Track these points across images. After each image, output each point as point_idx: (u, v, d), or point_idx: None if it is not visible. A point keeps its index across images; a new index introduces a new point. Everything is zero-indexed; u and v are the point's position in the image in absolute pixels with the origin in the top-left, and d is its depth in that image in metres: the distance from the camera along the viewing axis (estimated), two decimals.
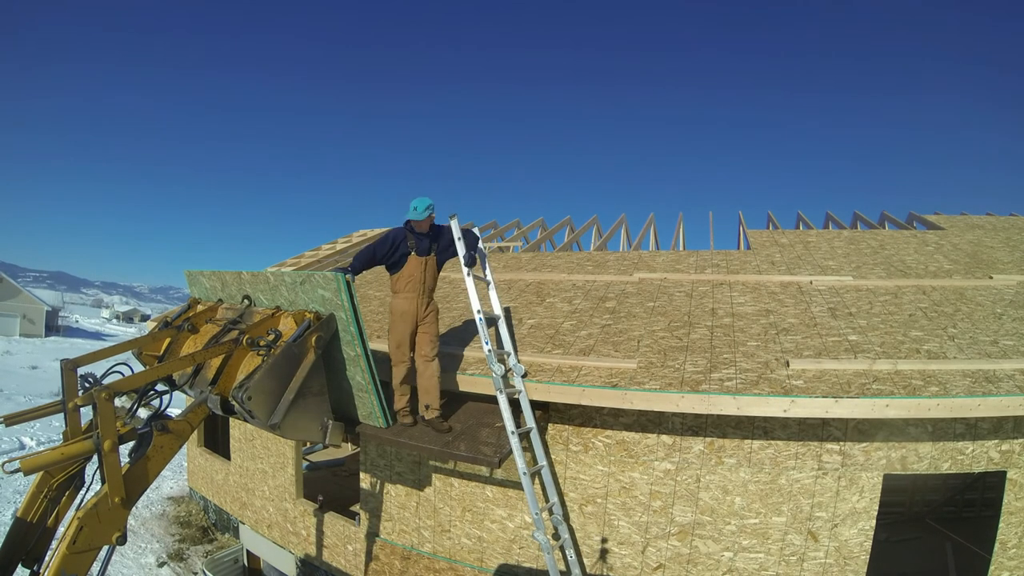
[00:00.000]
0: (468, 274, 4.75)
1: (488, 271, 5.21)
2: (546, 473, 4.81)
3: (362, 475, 6.44)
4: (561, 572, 4.66)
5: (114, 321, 74.08)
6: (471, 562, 5.67)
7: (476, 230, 5.14)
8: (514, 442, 4.38)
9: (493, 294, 5.11)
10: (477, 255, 4.85)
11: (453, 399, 5.31)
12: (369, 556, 6.44)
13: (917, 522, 7.97)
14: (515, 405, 4.70)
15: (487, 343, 4.55)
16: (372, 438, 4.83)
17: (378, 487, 6.32)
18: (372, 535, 6.41)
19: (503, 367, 4.65)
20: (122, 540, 3.19)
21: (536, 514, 4.43)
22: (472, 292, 4.73)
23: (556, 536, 4.75)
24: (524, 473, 4.41)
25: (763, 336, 5.12)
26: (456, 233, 4.79)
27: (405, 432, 4.77)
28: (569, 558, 4.65)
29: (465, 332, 6.05)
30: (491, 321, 4.95)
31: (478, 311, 4.65)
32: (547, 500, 4.85)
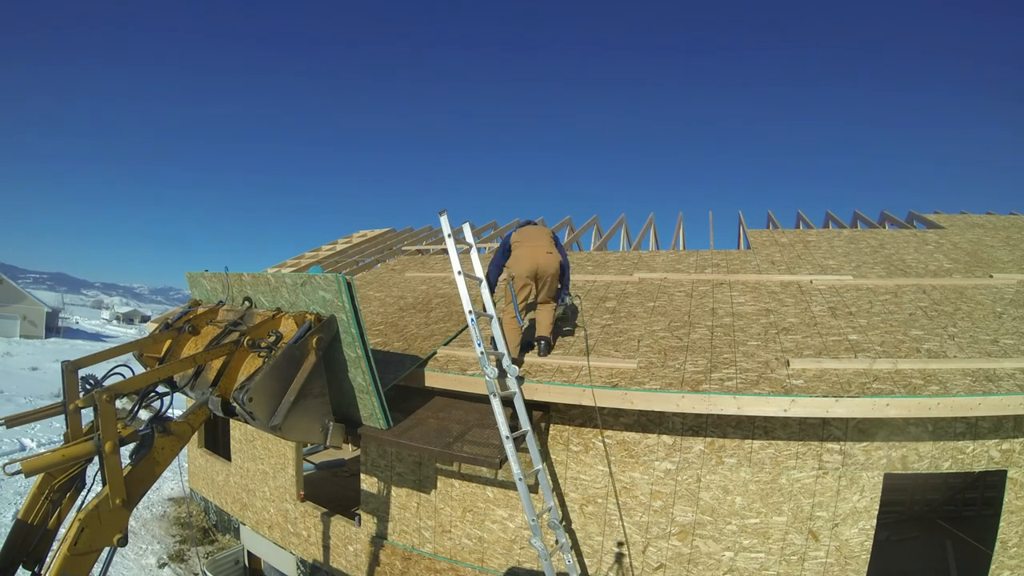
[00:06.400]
0: (459, 273, 4.63)
1: (479, 269, 5.04)
2: (543, 477, 4.73)
3: (363, 476, 6.44)
4: (559, 575, 4.64)
5: (114, 322, 74.07)
6: (472, 562, 5.67)
7: (468, 228, 5.05)
8: (509, 447, 4.31)
9: (486, 293, 4.99)
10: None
11: (454, 400, 5.31)
12: (370, 557, 6.44)
13: (918, 521, 7.98)
14: (513, 408, 4.68)
15: (479, 344, 4.48)
16: (373, 439, 4.82)
17: (379, 488, 6.33)
18: (373, 536, 6.41)
19: (496, 369, 4.58)
20: (123, 541, 3.20)
21: (532, 520, 4.38)
22: (463, 292, 4.60)
23: (556, 541, 4.73)
24: (519, 479, 4.35)
25: (763, 336, 5.12)
26: (446, 230, 4.67)
27: (406, 433, 4.77)
28: (568, 562, 4.62)
29: (465, 333, 6.06)
30: (485, 322, 4.88)
31: (469, 311, 4.54)
32: (545, 504, 4.82)
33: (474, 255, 5.07)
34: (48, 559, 3.37)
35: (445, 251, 11.11)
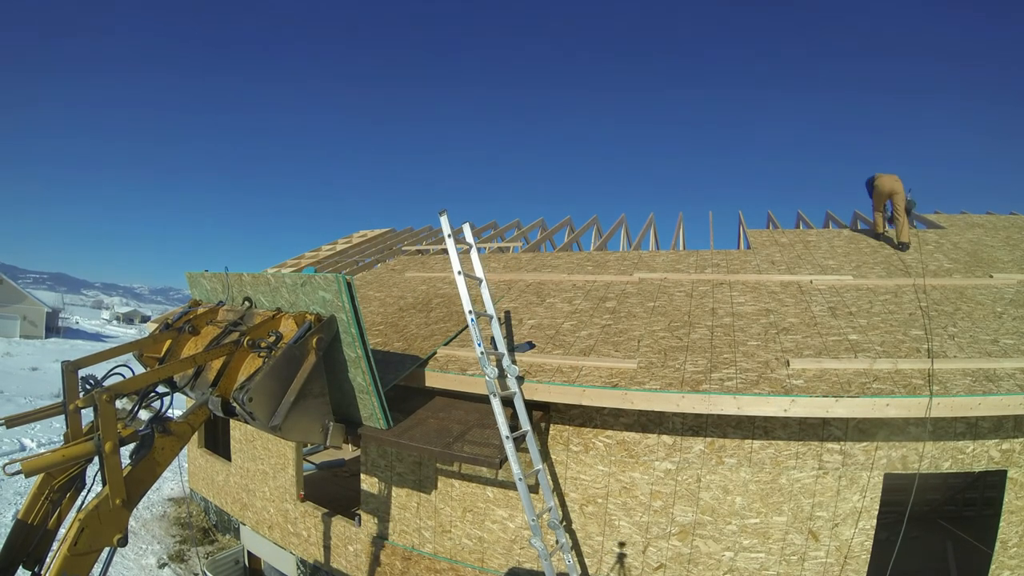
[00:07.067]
0: (459, 273, 4.65)
1: (479, 269, 5.06)
2: (543, 477, 4.75)
3: (363, 476, 6.44)
4: (559, 575, 4.64)
5: (114, 322, 74.06)
6: (472, 562, 5.67)
7: (468, 228, 5.05)
8: (509, 447, 4.32)
9: (486, 293, 5.00)
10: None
11: (454, 400, 5.31)
12: (370, 557, 6.45)
13: (918, 521, 7.97)
14: (513, 408, 4.68)
15: (479, 344, 4.50)
16: (373, 439, 4.83)
17: (379, 488, 6.33)
18: (373, 536, 6.41)
19: (496, 369, 4.59)
20: (123, 541, 3.20)
21: (532, 520, 4.39)
22: (463, 292, 4.61)
23: (556, 541, 4.73)
24: (520, 479, 4.36)
25: (763, 336, 5.12)
26: (446, 230, 4.68)
27: (406, 433, 4.77)
28: (568, 562, 4.62)
29: (465, 333, 6.06)
30: (485, 322, 4.88)
31: (469, 312, 4.55)
32: (545, 504, 4.83)
33: (474, 255, 5.07)
34: (48, 559, 3.37)
35: (445, 251, 11.11)
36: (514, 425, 4.57)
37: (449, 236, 4.68)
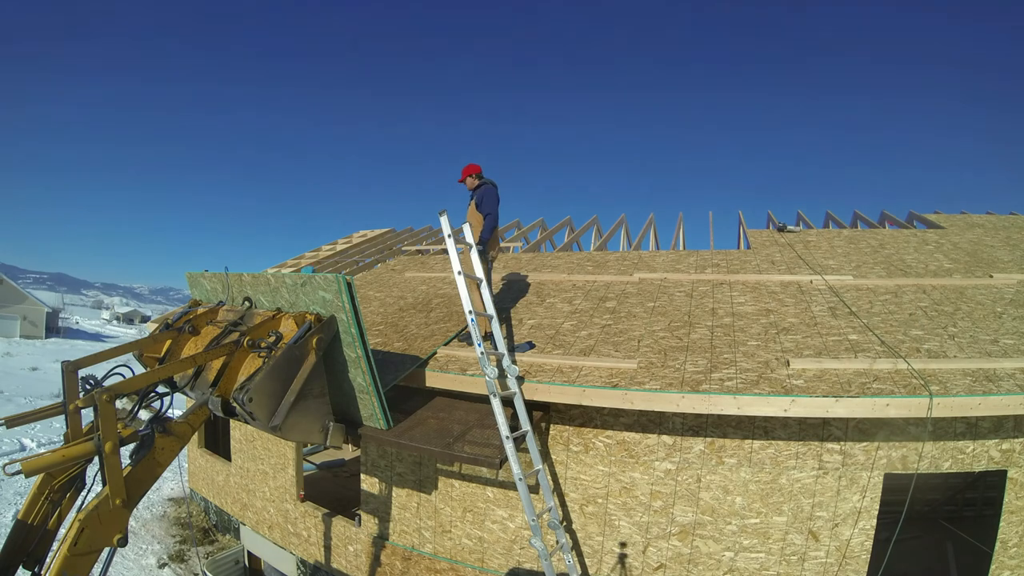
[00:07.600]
0: (459, 273, 4.65)
1: (479, 269, 5.07)
2: (543, 477, 4.74)
3: (363, 476, 6.44)
4: (559, 575, 4.64)
5: (114, 322, 74.06)
6: (472, 563, 5.67)
7: (468, 228, 5.06)
8: (509, 447, 4.32)
9: (486, 293, 5.00)
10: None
11: (454, 400, 5.31)
12: (370, 557, 6.44)
13: (918, 521, 7.97)
14: (513, 408, 4.68)
15: (479, 344, 4.50)
16: (373, 439, 4.83)
17: (379, 488, 6.33)
18: (373, 536, 6.41)
19: (496, 369, 4.60)
20: (123, 542, 3.20)
21: (532, 520, 4.38)
22: (463, 292, 4.61)
23: (556, 541, 4.73)
24: (520, 479, 4.36)
25: (763, 336, 5.12)
26: (446, 230, 4.67)
27: (406, 433, 4.77)
28: (568, 562, 4.62)
29: (466, 332, 6.05)
30: (485, 322, 4.89)
31: (469, 311, 4.55)
32: (545, 504, 4.83)
33: (474, 255, 5.07)
34: (48, 559, 3.37)
35: (445, 251, 11.11)
36: (514, 425, 4.57)
37: (449, 236, 4.68)
